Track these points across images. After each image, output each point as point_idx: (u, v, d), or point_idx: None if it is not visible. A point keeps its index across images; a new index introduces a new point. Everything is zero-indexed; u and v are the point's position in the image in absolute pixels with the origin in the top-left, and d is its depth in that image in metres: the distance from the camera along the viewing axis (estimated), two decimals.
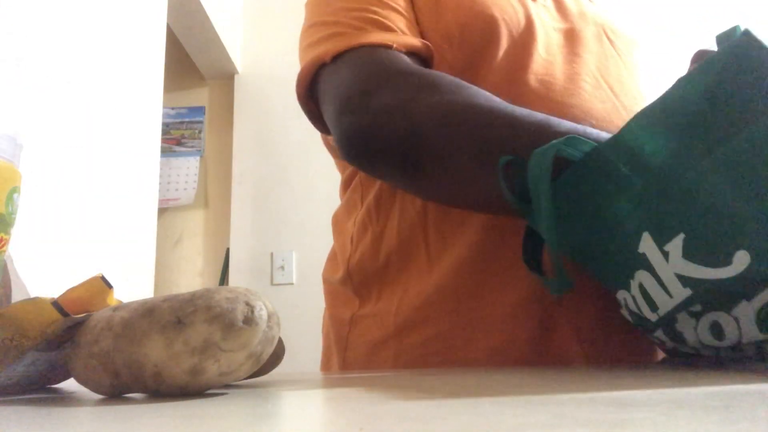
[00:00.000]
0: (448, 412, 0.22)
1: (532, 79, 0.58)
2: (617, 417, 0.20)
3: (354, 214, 0.67)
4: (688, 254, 0.40)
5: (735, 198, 0.39)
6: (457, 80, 0.52)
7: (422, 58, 0.58)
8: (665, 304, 0.42)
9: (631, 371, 0.44)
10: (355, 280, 0.64)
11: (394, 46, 0.55)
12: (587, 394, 0.27)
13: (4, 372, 0.33)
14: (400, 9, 0.60)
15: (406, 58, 0.55)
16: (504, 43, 0.59)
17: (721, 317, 0.41)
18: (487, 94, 0.51)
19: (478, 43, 0.59)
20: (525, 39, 0.60)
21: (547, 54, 0.60)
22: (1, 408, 0.28)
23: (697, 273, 0.40)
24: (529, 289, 0.55)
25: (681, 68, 0.57)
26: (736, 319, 0.40)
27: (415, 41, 0.58)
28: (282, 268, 2.38)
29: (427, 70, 0.54)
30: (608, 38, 0.65)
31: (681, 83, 0.41)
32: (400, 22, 0.59)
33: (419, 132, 0.49)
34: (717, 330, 0.41)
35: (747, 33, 0.40)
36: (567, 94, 0.57)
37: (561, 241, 0.46)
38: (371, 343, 0.61)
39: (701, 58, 0.52)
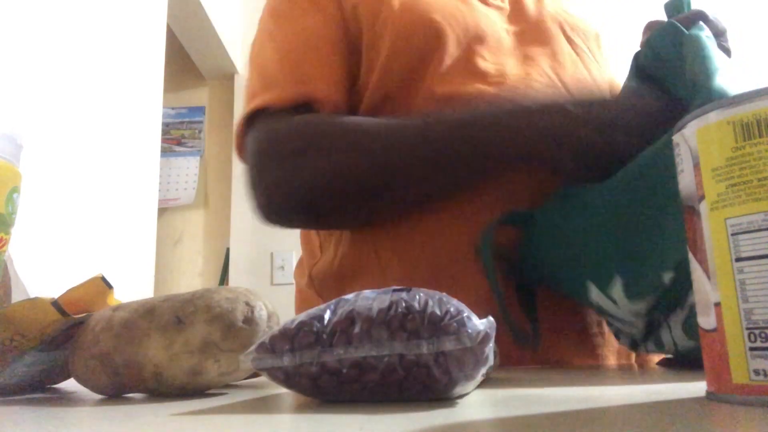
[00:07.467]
0: (449, 411, 0.22)
1: (481, 83, 0.58)
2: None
3: None
4: (630, 294, 0.43)
5: (661, 217, 0.41)
6: (331, 123, 0.57)
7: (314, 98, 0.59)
8: (636, 334, 0.47)
9: (620, 372, 0.44)
10: (317, 284, 0.66)
11: (275, 106, 0.59)
12: (588, 392, 0.27)
13: (4, 372, 0.33)
14: (316, 44, 0.61)
15: (286, 119, 0.58)
16: (451, 48, 0.59)
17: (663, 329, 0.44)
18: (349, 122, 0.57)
19: (423, 49, 0.59)
20: (473, 43, 0.60)
21: (496, 57, 0.60)
22: (1, 408, 0.28)
23: (644, 306, 0.43)
24: (480, 289, 0.55)
25: (634, 40, 0.58)
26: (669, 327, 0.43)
27: (306, 88, 0.59)
28: (282, 268, 2.38)
29: (302, 123, 0.57)
30: (567, 36, 0.66)
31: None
32: (310, 65, 0.60)
33: (309, 195, 0.56)
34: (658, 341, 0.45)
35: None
36: (517, 95, 0.58)
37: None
38: None
39: (652, 29, 0.53)
